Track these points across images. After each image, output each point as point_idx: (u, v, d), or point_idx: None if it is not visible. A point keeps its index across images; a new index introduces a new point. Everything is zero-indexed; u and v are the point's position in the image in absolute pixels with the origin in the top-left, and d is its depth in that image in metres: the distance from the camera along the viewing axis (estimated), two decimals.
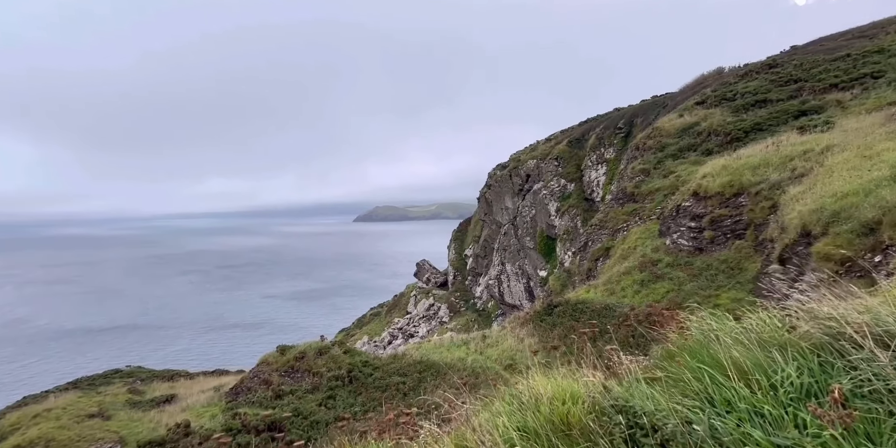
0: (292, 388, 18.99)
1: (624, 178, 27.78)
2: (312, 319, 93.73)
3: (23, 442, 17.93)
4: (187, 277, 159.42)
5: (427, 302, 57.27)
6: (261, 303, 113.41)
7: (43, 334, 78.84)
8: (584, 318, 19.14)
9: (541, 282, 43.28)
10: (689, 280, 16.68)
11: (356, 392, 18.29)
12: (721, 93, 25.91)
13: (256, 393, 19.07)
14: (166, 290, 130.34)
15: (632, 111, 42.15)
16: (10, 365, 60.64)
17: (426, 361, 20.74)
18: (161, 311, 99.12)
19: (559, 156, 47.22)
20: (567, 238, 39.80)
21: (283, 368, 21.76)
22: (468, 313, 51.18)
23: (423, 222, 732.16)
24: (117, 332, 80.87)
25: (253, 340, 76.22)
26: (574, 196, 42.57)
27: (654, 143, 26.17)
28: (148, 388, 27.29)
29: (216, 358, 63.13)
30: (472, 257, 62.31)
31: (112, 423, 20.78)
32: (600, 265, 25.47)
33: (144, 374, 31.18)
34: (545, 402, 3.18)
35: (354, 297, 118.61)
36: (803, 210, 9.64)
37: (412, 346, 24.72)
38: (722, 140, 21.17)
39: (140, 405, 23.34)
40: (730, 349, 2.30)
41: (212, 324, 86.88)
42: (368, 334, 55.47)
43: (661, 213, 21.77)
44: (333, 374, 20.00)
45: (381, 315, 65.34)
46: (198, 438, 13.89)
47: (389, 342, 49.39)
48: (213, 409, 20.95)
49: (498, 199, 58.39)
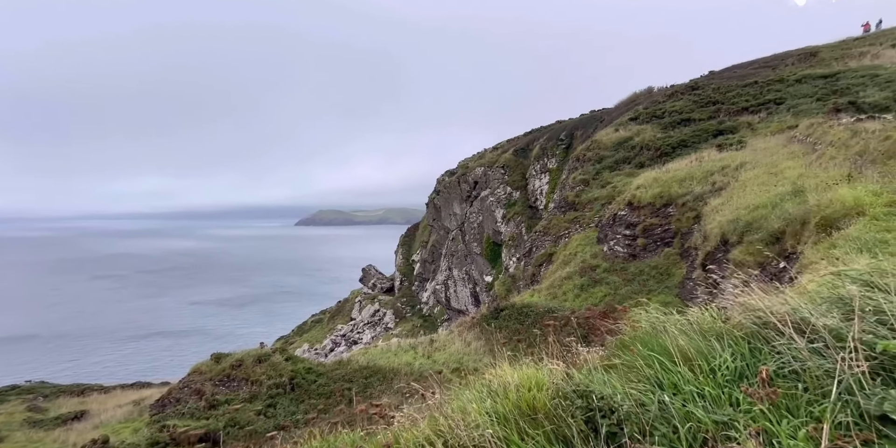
0: (228, 397, 17.95)
1: (565, 188, 29.23)
2: (247, 327, 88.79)
3: None
4: (101, 283, 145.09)
5: (372, 308, 56.38)
6: (187, 310, 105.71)
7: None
8: (528, 322, 19.86)
9: (487, 287, 44.18)
10: (623, 284, 17.87)
11: (298, 400, 17.65)
12: (651, 110, 28.22)
13: (187, 404, 17.81)
14: (75, 297, 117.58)
15: (573, 124, 44.53)
16: None
17: (372, 367, 20.47)
18: (70, 320, 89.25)
19: (505, 164, 48.72)
20: (512, 244, 41.04)
21: (217, 377, 20.50)
22: (414, 319, 51.02)
23: (369, 227, 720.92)
24: (15, 344, 71.71)
25: (179, 350, 70.74)
26: (519, 203, 44.05)
27: (592, 154, 27.84)
28: (52, 404, 24.60)
29: (137, 370, 57.83)
30: (419, 263, 62.28)
31: (7, 446, 18.52)
32: (544, 270, 26.55)
33: (48, 390, 28.03)
34: (513, 390, 3.38)
35: (294, 303, 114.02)
36: (722, 220, 10.76)
37: (358, 352, 24.25)
38: (653, 154, 23.03)
39: (42, 424, 21.01)
40: (676, 339, 2.61)
41: (132, 333, 79.54)
42: (309, 342, 53.52)
43: (599, 222, 23.15)
44: (274, 382, 19.16)
45: (323, 322, 63.32)
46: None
47: (332, 350, 48.00)
48: (135, 423, 19.31)
49: (446, 205, 59.01)
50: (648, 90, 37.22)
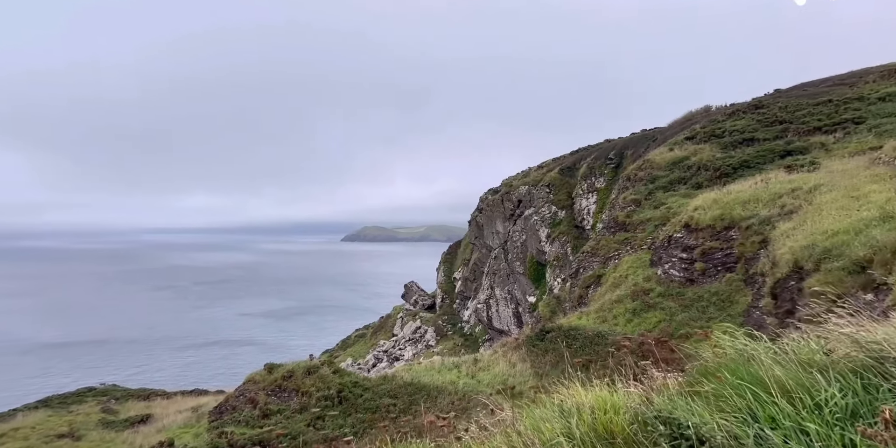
0: (280, 407, 18.51)
1: (615, 208, 28.53)
2: (294, 339, 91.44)
3: None
4: (162, 294, 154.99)
5: (414, 324, 56.61)
6: (239, 321, 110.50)
7: (13, 349, 75.38)
8: (576, 345, 19.27)
9: (530, 307, 43.32)
10: (680, 310, 17.04)
11: (346, 413, 17.90)
12: (710, 129, 27.21)
13: (242, 412, 18.52)
14: (140, 306, 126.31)
15: (622, 143, 43.65)
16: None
17: (417, 384, 20.47)
18: (136, 329, 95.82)
19: (551, 183, 48.28)
20: (557, 264, 40.23)
21: (270, 387, 21.22)
22: (455, 337, 50.67)
23: (411, 244, 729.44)
24: (89, 348, 77.80)
25: (234, 359, 73.88)
26: (565, 223, 43.31)
27: (645, 174, 27.11)
28: (122, 407, 26.20)
29: (195, 377, 60.86)
30: (460, 280, 62.19)
31: (82, 444, 19.87)
32: (592, 292, 25.80)
33: (119, 393, 29.94)
34: (587, 411, 3.38)
35: (338, 317, 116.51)
36: (795, 246, 10.14)
37: (402, 368, 24.36)
38: (711, 175, 22.11)
39: (114, 425, 22.38)
40: (771, 368, 2.55)
41: (189, 342, 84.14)
42: (352, 356, 54.30)
43: (652, 243, 22.35)
44: (323, 395, 19.57)
45: (366, 337, 64.16)
46: None
47: (374, 365, 48.39)
48: (195, 428, 20.24)
49: (489, 224, 58.97)
50: (706, 109, 36.03)
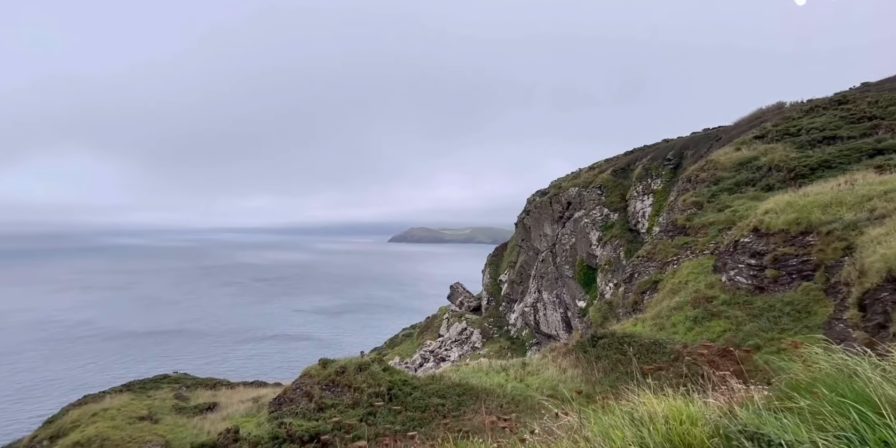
0: (333, 401, 19.18)
1: (674, 211, 27.14)
2: (344, 335, 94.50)
3: (82, 439, 18.91)
4: (227, 289, 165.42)
5: (460, 326, 56.73)
6: (293, 316, 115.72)
7: (101, 336, 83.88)
8: (631, 352, 18.52)
9: (579, 312, 42.13)
10: (748, 320, 15.92)
11: (396, 410, 18.24)
12: (784, 127, 25.14)
13: (299, 404, 19.39)
14: (210, 300, 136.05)
15: (681, 143, 41.43)
16: (71, 363, 64.79)
17: (465, 385, 20.50)
18: (204, 321, 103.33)
19: (602, 184, 46.72)
20: (609, 269, 38.84)
21: (324, 382, 22.06)
22: (501, 340, 50.21)
23: (456, 245, 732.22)
24: (165, 337, 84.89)
25: (288, 353, 77.60)
26: (617, 226, 41.74)
27: (707, 175, 25.57)
28: (192, 394, 28.14)
29: (254, 368, 64.62)
30: (507, 283, 61.60)
31: (159, 427, 21.53)
32: (647, 298, 24.70)
33: (189, 382, 32.18)
34: (661, 421, 3.25)
35: (384, 315, 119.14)
36: (888, 253, 9.16)
37: (450, 369, 24.48)
38: (784, 176, 20.44)
39: (185, 411, 24.09)
40: (881, 386, 2.34)
41: (250, 335, 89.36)
42: (400, 355, 55.25)
43: (715, 248, 21.07)
44: (373, 391, 20.08)
45: (412, 336, 65.10)
46: (246, 445, 14.25)
47: (421, 364, 48.97)
48: (256, 418, 21.37)
49: (537, 226, 58.00)
50: (778, 106, 33.42)
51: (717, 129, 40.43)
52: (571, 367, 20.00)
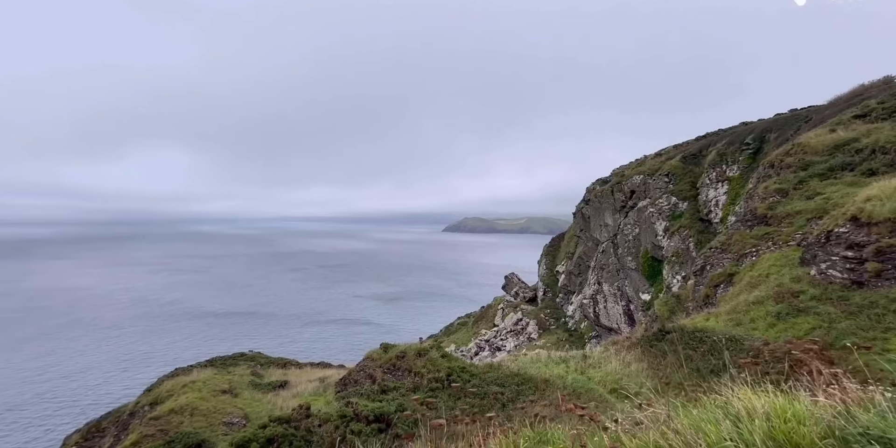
0: (395, 385, 19.91)
1: (754, 199, 25.03)
2: (400, 322, 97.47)
3: (175, 407, 21.08)
4: (292, 275, 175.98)
5: (515, 316, 56.44)
6: (352, 302, 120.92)
7: (188, 315, 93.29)
8: (702, 348, 17.52)
9: (643, 305, 40.35)
10: (843, 317, 14.44)
11: (455, 396, 18.61)
12: (893, 105, 22.12)
13: (363, 386, 20.33)
14: (277, 285, 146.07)
15: (763, 125, 37.83)
16: (164, 339, 72.76)
17: (523, 375, 20.44)
18: (274, 304, 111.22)
19: (670, 172, 43.96)
20: (676, 261, 36.70)
21: (385, 365, 22.93)
22: (559, 332, 49.36)
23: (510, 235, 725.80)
24: (239, 318, 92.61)
25: (349, 337, 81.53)
26: (687, 215, 39.21)
27: (794, 160, 23.24)
28: (266, 372, 30.35)
29: (318, 350, 68.69)
30: (564, 274, 60.22)
31: (238, 401, 23.49)
32: (721, 292, 23.16)
33: (263, 360, 34.74)
34: (761, 417, 3.06)
35: (437, 303, 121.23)
36: None
37: (508, 358, 24.51)
38: (892, 159, 18.08)
39: (260, 387, 26.05)
40: None
41: (314, 318, 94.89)
42: (455, 343, 56.06)
43: (803, 239, 19.24)
44: (433, 376, 20.58)
45: (468, 325, 65.77)
46: (317, 421, 15.20)
47: (476, 353, 49.44)
48: (323, 397, 22.70)
49: (597, 216, 55.93)
50: (885, 80, 29.45)
51: (806, 109, 36.48)
52: (636, 362, 19.29)
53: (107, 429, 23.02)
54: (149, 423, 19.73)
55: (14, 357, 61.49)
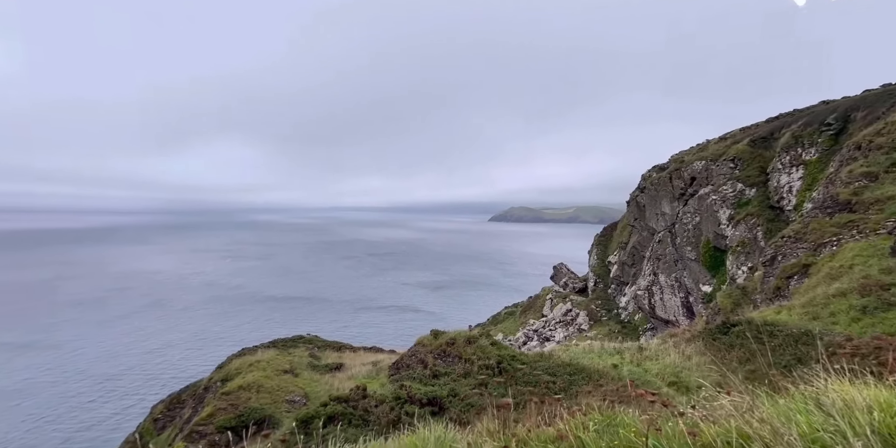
0: (446, 370, 20.30)
1: (835, 183, 22.84)
2: (447, 310, 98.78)
3: (244, 383, 22.69)
4: (344, 262, 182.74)
5: (564, 307, 55.47)
6: (401, 289, 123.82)
7: (251, 299, 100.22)
8: (774, 342, 16.42)
9: (703, 297, 38.28)
10: None
11: (506, 384, 18.69)
12: None
13: (415, 370, 20.89)
14: (331, 272, 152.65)
15: (848, 104, 34.12)
16: (232, 320, 78.82)
17: (575, 365, 20.13)
18: (329, 290, 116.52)
19: (737, 156, 40.91)
20: (742, 251, 34.36)
21: (436, 351, 23.40)
22: (611, 323, 48.01)
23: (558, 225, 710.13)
24: (298, 303, 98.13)
25: (398, 323, 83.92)
26: (754, 203, 36.46)
27: (886, 140, 20.89)
28: (322, 354, 31.87)
29: (370, 335, 71.35)
30: (616, 265, 58.23)
31: (299, 380, 24.87)
32: (794, 284, 21.51)
33: (320, 343, 36.47)
34: (861, 410, 2.84)
35: (482, 292, 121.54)
36: None
37: (559, 348, 24.21)
38: None
39: (318, 368, 27.42)
40: None
41: (366, 305, 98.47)
42: (503, 332, 56.09)
43: (895, 228, 17.41)
44: (483, 363, 20.76)
45: (515, 314, 65.52)
46: (373, 401, 15.86)
47: (524, 343, 49.22)
48: (377, 380, 23.57)
49: (653, 204, 53.36)
50: None
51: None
52: (697, 355, 18.44)
53: (186, 401, 25.17)
54: (221, 397, 21.42)
55: (110, 332, 69.18)
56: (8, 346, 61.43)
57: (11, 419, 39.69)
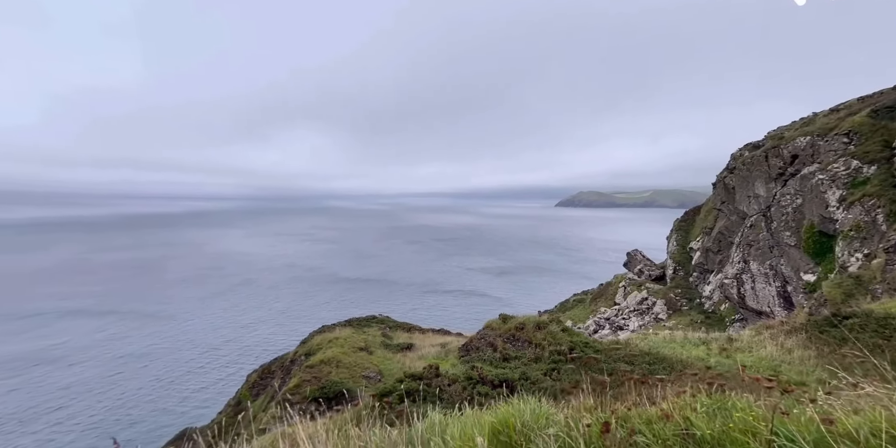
0: (516, 354, 20.17)
1: None
2: (513, 295, 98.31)
3: (324, 358, 24.23)
4: (411, 247, 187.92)
5: (639, 295, 52.70)
6: (465, 274, 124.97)
7: (325, 280, 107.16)
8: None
9: (804, 287, 34.33)
10: None
11: (579, 371, 18.18)
12: None
13: (485, 353, 21.00)
14: (399, 255, 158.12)
15: None
16: (309, 300, 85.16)
17: (655, 354, 19.08)
18: (397, 273, 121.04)
19: (852, 130, 35.57)
20: (856, 236, 30.11)
21: (505, 335, 23.34)
22: (692, 313, 44.83)
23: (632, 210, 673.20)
24: (370, 284, 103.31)
25: (464, 307, 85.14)
26: (874, 182, 31.61)
27: None
28: (394, 334, 33.13)
29: (436, 317, 73.24)
30: (699, 251, 53.97)
31: (373, 358, 26.06)
32: None
33: (391, 324, 37.97)
34: None
35: (549, 279, 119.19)
36: None
37: (636, 337, 23.08)
38: None
39: (390, 347, 28.55)
40: None
41: (432, 288, 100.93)
42: (572, 319, 54.65)
43: None
44: (555, 349, 20.33)
45: (584, 302, 63.52)
46: (446, 380, 16.22)
47: (595, 331, 47.64)
48: (448, 360, 24.04)
49: (744, 185, 48.39)
50: None
51: None
52: (800, 348, 16.64)
53: (275, 372, 27.46)
54: (305, 370, 23.08)
55: (211, 307, 78.03)
56: (136, 315, 71.88)
57: (141, 378, 47.00)
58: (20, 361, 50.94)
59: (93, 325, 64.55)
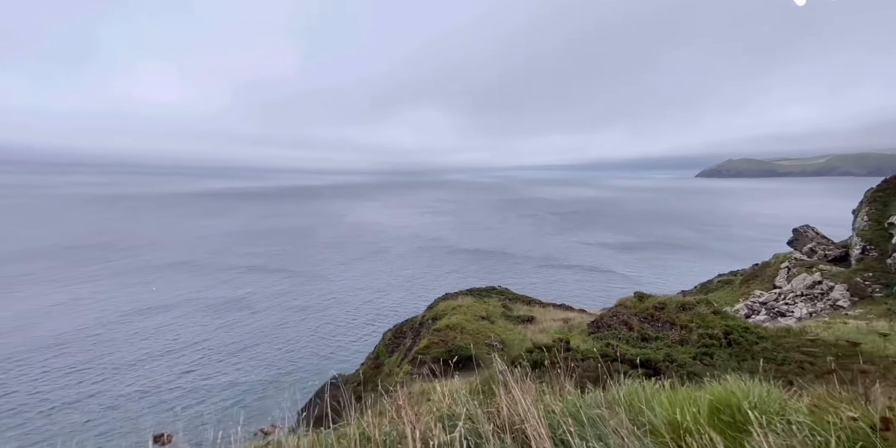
0: (657, 335, 18.29)
1: None
2: (640, 273, 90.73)
3: (450, 323, 25.04)
4: (525, 220, 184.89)
5: (810, 278, 43.98)
6: (583, 249, 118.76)
7: (446, 250, 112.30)
8: None
9: None
10: None
11: (738, 357, 15.74)
12: None
13: (619, 331, 19.49)
14: (514, 228, 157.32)
15: None
16: (434, 270, 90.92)
17: (843, 346, 15.62)
18: (513, 246, 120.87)
19: None
20: None
21: (641, 314, 21.33)
22: (889, 301, 35.97)
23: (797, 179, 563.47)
24: (485, 256, 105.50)
25: (584, 283, 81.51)
26: None
27: None
28: (514, 306, 32.92)
29: (554, 291, 71.49)
30: None
31: (495, 327, 26.14)
32: None
33: (510, 295, 37.84)
34: None
35: (685, 257, 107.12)
36: None
37: (816, 325, 19.21)
38: None
39: (511, 319, 28.39)
40: None
41: (550, 263, 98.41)
42: (717, 302, 48.21)
43: None
44: (705, 332, 17.95)
45: (733, 283, 55.49)
46: (579, 354, 15.40)
47: (747, 316, 41.32)
48: (575, 336, 22.97)
49: None
50: None
51: None
52: None
53: (406, 332, 29.43)
54: (433, 333, 24.20)
55: (352, 271, 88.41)
56: (299, 274, 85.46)
57: (302, 329, 56.99)
58: (227, 304, 65.90)
59: (269, 280, 78.93)
